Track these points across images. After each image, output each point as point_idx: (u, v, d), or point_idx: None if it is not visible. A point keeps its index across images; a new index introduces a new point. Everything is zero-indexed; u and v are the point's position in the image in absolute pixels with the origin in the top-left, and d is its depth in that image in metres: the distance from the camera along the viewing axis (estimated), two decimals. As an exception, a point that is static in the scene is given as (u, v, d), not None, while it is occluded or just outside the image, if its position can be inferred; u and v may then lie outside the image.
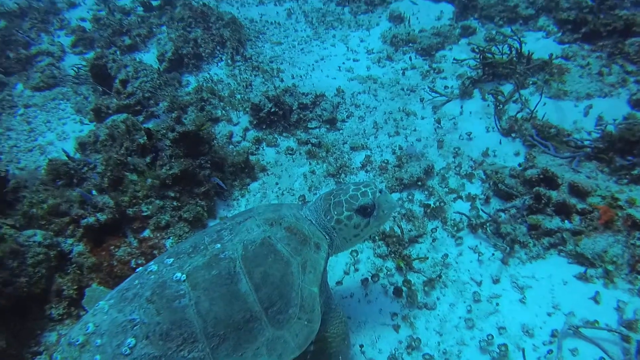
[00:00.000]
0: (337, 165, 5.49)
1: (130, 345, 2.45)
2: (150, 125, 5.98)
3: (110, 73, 7.15)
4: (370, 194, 3.18)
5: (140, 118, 6.66)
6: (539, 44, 6.69)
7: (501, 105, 5.84)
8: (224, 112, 6.60)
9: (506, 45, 6.37)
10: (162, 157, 5.16)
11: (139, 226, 4.85)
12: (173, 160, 5.08)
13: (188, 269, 2.68)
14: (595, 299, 3.69)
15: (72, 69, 8.17)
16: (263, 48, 8.33)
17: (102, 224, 4.57)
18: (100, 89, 7.26)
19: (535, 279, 4.01)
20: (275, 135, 6.13)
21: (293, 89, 6.40)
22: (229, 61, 7.87)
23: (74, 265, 4.35)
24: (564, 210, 4.29)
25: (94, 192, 4.91)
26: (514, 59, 6.27)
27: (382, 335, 3.77)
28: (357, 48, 8.07)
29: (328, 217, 3.19)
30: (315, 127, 6.17)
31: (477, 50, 6.51)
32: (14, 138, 7.17)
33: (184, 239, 4.75)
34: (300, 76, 7.37)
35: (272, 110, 6.13)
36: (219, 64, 7.91)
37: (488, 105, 6.07)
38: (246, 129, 6.27)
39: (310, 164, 5.67)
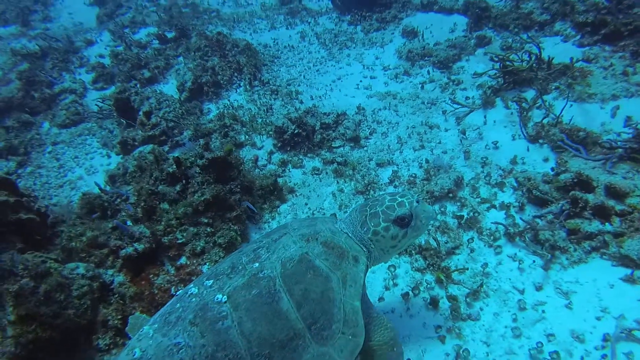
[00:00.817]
0: (365, 182, 5.52)
1: None
2: (176, 154, 6.10)
3: (134, 106, 7.34)
4: (407, 204, 3.15)
5: (166, 148, 6.80)
6: (558, 49, 6.70)
7: (525, 112, 5.85)
8: (247, 137, 6.70)
9: (525, 53, 6.40)
10: (193, 184, 5.24)
11: (175, 254, 4.90)
12: (204, 187, 5.16)
13: (228, 290, 2.69)
14: (646, 301, 3.62)
15: (96, 104, 8.39)
16: (279, 72, 8.48)
17: (140, 253, 4.64)
18: (124, 122, 7.44)
19: (579, 283, 3.94)
20: (300, 157, 6.20)
21: (314, 110, 6.49)
22: (247, 87, 8.03)
23: (116, 296, 4.40)
24: (602, 213, 4.23)
25: (129, 222, 4.99)
26: (534, 65, 6.29)
27: (428, 348, 3.73)
28: (372, 65, 8.18)
29: (365, 229, 3.17)
30: (340, 146, 6.23)
31: (495, 59, 6.55)
32: (44, 175, 7.35)
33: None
34: (319, 97, 7.47)
35: (296, 132, 6.21)
36: (238, 90, 8.07)
37: (512, 113, 6.08)
38: (271, 152, 6.35)
39: (337, 182, 5.70)
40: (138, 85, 8.54)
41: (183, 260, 4.89)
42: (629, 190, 4.26)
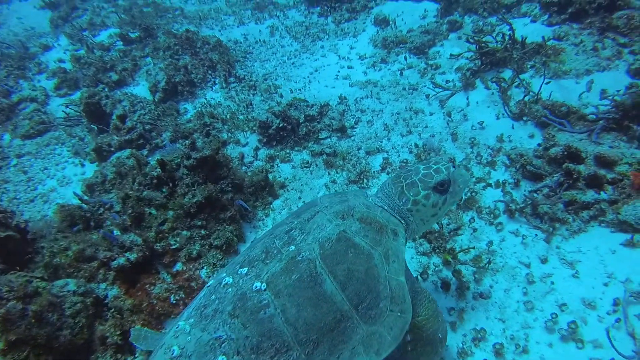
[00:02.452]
0: (357, 171, 5.46)
1: None
2: (157, 157, 5.84)
3: (105, 110, 6.99)
4: (443, 169, 3.07)
5: (145, 152, 6.51)
6: (529, 29, 6.83)
7: (505, 92, 5.93)
8: (230, 134, 6.51)
9: (499, 35, 6.49)
10: (181, 186, 5.03)
11: (170, 260, 4.69)
12: (194, 188, 4.97)
13: (267, 277, 2.58)
14: (648, 263, 3.73)
15: (63, 111, 7.95)
16: (253, 67, 8.29)
17: (133, 263, 4.41)
18: (96, 128, 7.08)
19: (582, 252, 4.03)
20: (288, 151, 6.07)
21: (297, 103, 6.37)
22: (223, 84, 7.80)
23: (112, 310, 4.16)
24: (595, 183, 4.34)
25: (116, 232, 4.74)
26: (509, 45, 6.40)
27: (444, 332, 3.72)
28: (348, 55, 8.12)
29: (403, 200, 3.07)
30: (326, 137, 6.14)
31: (471, 41, 6.63)
32: (12, 190, 6.90)
33: (219, 267, 4.64)
34: (299, 89, 7.35)
35: (281, 125, 6.07)
36: (214, 88, 7.83)
37: (492, 93, 6.16)
38: (257, 148, 6.19)
39: (329, 173, 5.62)
40: (106, 89, 8.14)
41: (179, 266, 4.68)
42: (617, 159, 4.38)
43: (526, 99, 5.74)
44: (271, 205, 5.39)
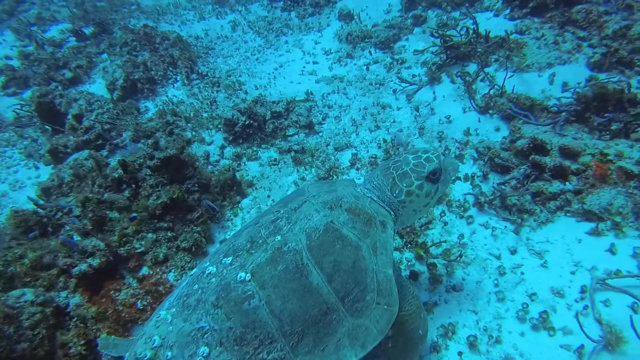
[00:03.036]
0: (326, 167, 5.40)
1: (204, 355, 2.33)
2: (117, 157, 5.58)
3: (60, 109, 6.63)
4: (434, 158, 3.05)
5: (104, 152, 6.21)
6: (492, 23, 6.95)
7: (470, 86, 6.01)
8: (194, 133, 6.30)
9: (463, 28, 6.57)
10: (145, 187, 4.82)
11: (136, 264, 4.49)
12: (159, 189, 4.77)
13: (251, 267, 2.53)
14: (612, 250, 3.83)
15: (14, 111, 7.48)
16: (216, 63, 8.08)
17: (96, 269, 4.18)
18: (50, 129, 6.71)
19: (550, 242, 4.11)
20: (255, 148, 5.93)
21: (263, 99, 6.23)
22: (185, 81, 7.55)
23: (75, 319, 3.93)
24: (561, 173, 4.45)
25: (76, 237, 4.49)
26: (473, 39, 6.49)
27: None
28: (313, 51, 8.04)
29: (396, 192, 3.03)
30: (294, 134, 6.04)
31: (436, 35, 6.67)
32: (-42, 196, 6.43)
33: (187, 270, 4.48)
34: (264, 86, 7.21)
35: (247, 122, 5.93)
36: (175, 85, 7.57)
37: (458, 87, 6.23)
38: (223, 147, 6.02)
39: (298, 170, 5.53)
40: (60, 88, 7.72)
41: (145, 270, 4.50)
42: (580, 150, 4.50)
43: (491, 92, 5.83)
44: (240, 205, 5.25)
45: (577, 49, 5.99)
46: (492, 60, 6.41)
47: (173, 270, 4.49)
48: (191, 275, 2.76)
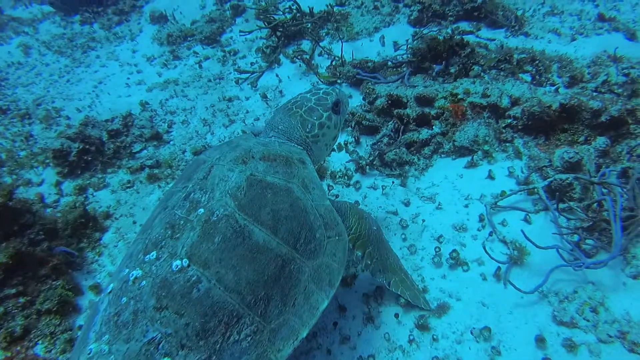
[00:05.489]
0: (191, 175, 4.72)
1: None
2: None
3: None
4: (331, 91, 3.16)
5: None
6: (313, 1, 6.95)
7: (309, 62, 5.93)
8: (14, 176, 4.98)
9: (287, 9, 6.45)
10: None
11: (-20, 355, 3.28)
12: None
13: (185, 251, 2.23)
14: (490, 176, 4.03)
15: None
16: (16, 94, 6.57)
17: None
18: None
19: (436, 185, 4.18)
20: (100, 175, 4.91)
21: (93, 120, 5.22)
22: (-23, 121, 5.95)
23: None
24: (424, 121, 4.58)
25: None
26: (297, 15, 6.40)
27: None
28: (133, 60, 7.10)
29: (309, 126, 3.03)
30: (142, 149, 5.17)
31: (262, 17, 6.44)
32: None
33: (60, 335, 3.48)
34: (88, 106, 6.10)
35: (82, 148, 4.88)
36: (-33, 128, 5.91)
37: (300, 65, 6.07)
38: (58, 183, 4.86)
39: (159, 186, 4.73)
40: None
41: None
42: (434, 95, 4.68)
43: (333, 63, 5.81)
44: (101, 241, 4.29)
45: (395, 10, 6.35)
46: (324, 34, 6.42)
47: (41, 342, 3.47)
48: (109, 292, 2.28)
